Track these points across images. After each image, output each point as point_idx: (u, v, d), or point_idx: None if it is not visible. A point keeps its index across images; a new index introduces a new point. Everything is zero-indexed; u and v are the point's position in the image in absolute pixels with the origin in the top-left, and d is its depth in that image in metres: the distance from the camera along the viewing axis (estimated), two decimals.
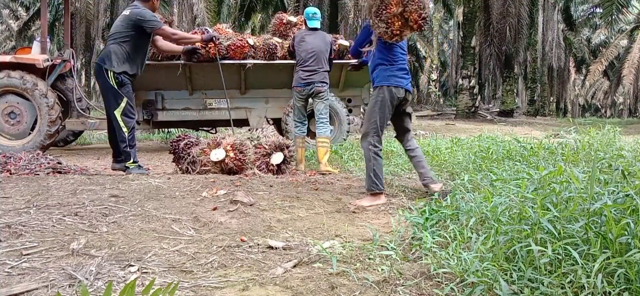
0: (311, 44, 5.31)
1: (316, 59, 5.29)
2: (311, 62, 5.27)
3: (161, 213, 3.02)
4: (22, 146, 6.50)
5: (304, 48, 5.31)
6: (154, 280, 1.80)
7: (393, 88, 3.65)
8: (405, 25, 3.37)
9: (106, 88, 4.56)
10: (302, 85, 5.29)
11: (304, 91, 5.31)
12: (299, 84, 5.31)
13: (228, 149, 4.57)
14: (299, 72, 5.33)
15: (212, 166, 4.55)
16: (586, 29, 31.99)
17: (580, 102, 43.66)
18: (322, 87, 5.31)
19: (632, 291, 1.66)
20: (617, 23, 19.61)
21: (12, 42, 28.91)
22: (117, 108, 4.55)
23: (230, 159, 4.53)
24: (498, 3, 17.60)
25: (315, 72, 5.29)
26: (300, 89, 5.31)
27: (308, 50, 5.30)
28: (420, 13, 3.28)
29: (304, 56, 5.30)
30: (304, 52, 5.31)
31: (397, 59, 3.70)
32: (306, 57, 5.29)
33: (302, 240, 2.67)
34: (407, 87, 3.72)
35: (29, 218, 2.82)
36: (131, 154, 4.65)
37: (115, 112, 4.56)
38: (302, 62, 5.31)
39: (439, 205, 3.10)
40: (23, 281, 1.98)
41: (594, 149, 4.27)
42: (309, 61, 5.27)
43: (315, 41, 5.33)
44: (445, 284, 1.98)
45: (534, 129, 13.99)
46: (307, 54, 5.29)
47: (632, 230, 1.80)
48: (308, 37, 5.37)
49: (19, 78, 6.63)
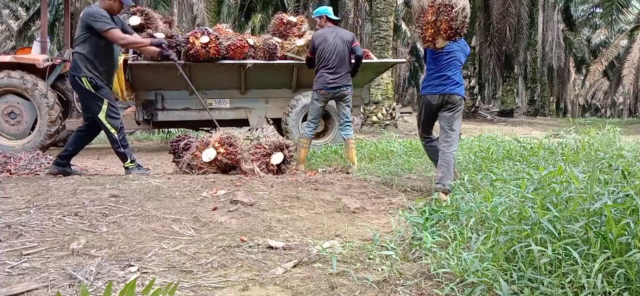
0: (333, 44, 5.05)
1: (340, 59, 5.06)
2: (336, 63, 5.04)
3: (161, 213, 3.02)
4: (22, 146, 6.51)
5: (327, 48, 5.05)
6: (154, 280, 1.80)
7: (427, 96, 3.88)
8: (437, 33, 3.53)
9: (85, 96, 4.44)
10: (327, 89, 5.06)
11: (329, 95, 5.11)
12: (324, 87, 5.07)
13: (217, 146, 4.58)
14: (324, 75, 5.07)
15: (207, 166, 4.55)
16: (586, 29, 31.99)
17: (580, 102, 43.66)
18: (347, 90, 5.12)
19: (632, 291, 1.66)
20: (617, 23, 19.58)
21: (12, 42, 28.88)
22: (100, 112, 4.43)
23: (221, 155, 4.54)
24: (498, 3, 17.61)
25: (340, 75, 5.06)
26: (325, 92, 5.09)
27: (332, 50, 5.04)
28: (450, 23, 3.44)
29: (328, 56, 5.04)
30: (327, 52, 5.04)
31: (440, 67, 3.83)
32: (329, 57, 5.03)
33: (302, 240, 2.67)
34: (442, 92, 3.80)
35: (29, 218, 2.82)
36: (127, 155, 4.55)
37: (99, 116, 4.44)
38: (325, 62, 5.06)
39: (439, 205, 3.10)
40: (23, 281, 1.98)
41: (594, 149, 4.26)
42: (333, 62, 5.03)
43: (336, 41, 5.07)
44: (445, 284, 1.98)
45: (534, 129, 13.99)
46: (331, 55, 5.03)
47: (632, 230, 1.80)
48: (329, 36, 5.11)
49: (19, 78, 6.64)
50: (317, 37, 5.17)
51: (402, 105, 23.39)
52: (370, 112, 12.08)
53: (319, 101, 5.16)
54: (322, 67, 5.09)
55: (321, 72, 5.10)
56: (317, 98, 5.16)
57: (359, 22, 19.19)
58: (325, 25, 5.34)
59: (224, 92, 7.21)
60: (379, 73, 8.58)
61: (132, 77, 6.77)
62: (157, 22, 6.68)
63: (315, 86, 5.16)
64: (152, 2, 16.08)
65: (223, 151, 4.55)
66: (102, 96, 4.44)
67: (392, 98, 12.64)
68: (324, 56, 5.06)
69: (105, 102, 4.45)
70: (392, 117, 12.31)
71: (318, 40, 5.13)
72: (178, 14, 18.81)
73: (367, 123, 12.05)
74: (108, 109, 4.47)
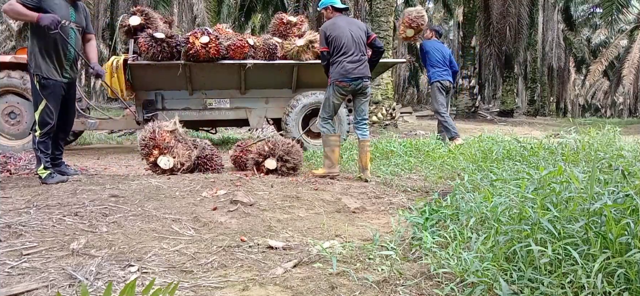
0: (349, 31, 4.51)
1: (358, 47, 4.52)
2: (355, 50, 4.49)
3: (161, 213, 3.02)
4: (22, 146, 6.51)
5: (343, 35, 4.49)
6: (154, 280, 1.80)
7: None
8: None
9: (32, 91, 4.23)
10: (349, 80, 4.47)
11: (350, 87, 4.51)
12: (345, 78, 4.46)
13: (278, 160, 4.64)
14: (344, 63, 4.45)
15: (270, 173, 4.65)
16: (586, 29, 31.99)
17: (580, 102, 43.65)
18: (368, 82, 4.59)
19: (632, 291, 1.66)
20: (617, 23, 19.57)
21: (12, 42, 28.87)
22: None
23: (280, 166, 4.63)
24: (498, 3, 17.60)
25: (362, 62, 4.51)
26: (347, 84, 4.49)
27: (349, 36, 4.48)
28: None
29: (346, 42, 4.47)
30: (345, 38, 4.47)
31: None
32: (348, 44, 4.47)
33: (302, 240, 2.67)
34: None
35: (29, 218, 2.82)
36: (41, 160, 4.17)
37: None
38: (343, 50, 4.48)
39: (439, 205, 3.10)
40: (23, 281, 1.98)
41: (594, 149, 4.26)
42: (352, 48, 4.48)
43: (351, 28, 4.55)
44: (445, 284, 1.98)
45: (534, 129, 13.98)
46: (349, 41, 4.47)
47: (632, 230, 1.80)
48: (342, 23, 4.59)
49: (19, 78, 6.63)
50: (328, 27, 4.60)
51: (402, 105, 23.39)
52: (370, 112, 12.08)
53: (338, 96, 4.59)
54: (340, 55, 4.49)
55: (340, 61, 4.48)
56: (335, 91, 4.56)
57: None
58: (332, 16, 4.78)
59: (224, 92, 7.21)
60: (379, 73, 8.58)
61: (132, 77, 6.76)
62: (157, 22, 6.67)
63: (333, 76, 4.53)
64: (152, 2, 16.10)
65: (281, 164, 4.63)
66: (43, 95, 4.16)
67: (392, 98, 12.64)
68: (340, 43, 4.49)
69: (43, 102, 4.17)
70: (392, 117, 12.31)
71: (330, 30, 4.56)
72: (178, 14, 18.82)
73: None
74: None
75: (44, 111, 4.15)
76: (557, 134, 7.32)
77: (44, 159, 4.16)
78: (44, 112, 4.15)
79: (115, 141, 9.20)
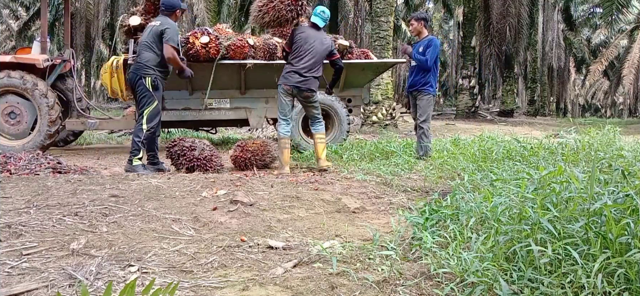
0: (311, 44, 4.94)
1: (313, 61, 4.94)
2: (307, 63, 4.92)
3: (161, 213, 3.02)
4: (22, 146, 6.50)
5: (303, 46, 4.94)
6: (154, 280, 1.80)
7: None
8: None
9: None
10: (291, 85, 4.95)
11: (291, 91, 5.00)
12: (288, 82, 4.96)
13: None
14: (291, 73, 4.96)
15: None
16: (586, 29, 31.97)
17: (580, 102, 43.64)
18: (311, 94, 5.03)
19: (632, 291, 1.66)
20: (617, 23, 19.60)
21: (12, 42, 28.90)
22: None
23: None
24: (498, 3, 17.60)
25: (307, 79, 4.95)
26: (288, 88, 4.97)
27: (307, 49, 4.92)
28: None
29: (302, 54, 4.93)
30: (302, 50, 4.94)
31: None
32: (303, 56, 4.93)
33: (302, 240, 2.67)
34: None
35: (29, 218, 2.82)
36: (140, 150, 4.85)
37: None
38: (297, 59, 4.95)
39: (439, 205, 3.10)
40: (23, 281, 1.98)
41: (594, 149, 4.26)
42: (305, 60, 4.92)
43: (315, 43, 4.97)
44: (445, 284, 1.98)
45: (534, 129, 13.98)
46: (305, 53, 4.92)
47: (632, 230, 1.80)
48: (310, 34, 5.01)
49: (19, 78, 6.63)
50: (299, 30, 5.07)
51: (402, 105, 23.38)
52: (370, 112, 12.08)
53: (284, 95, 5.04)
54: (293, 59, 4.99)
55: (290, 65, 5.01)
56: (281, 92, 5.05)
57: (359, 22, 19.21)
58: (307, 23, 5.25)
59: (224, 92, 7.20)
60: (379, 73, 8.58)
61: None
62: None
63: (281, 80, 5.06)
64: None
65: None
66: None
67: (392, 98, 12.64)
68: (300, 49, 4.95)
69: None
70: (392, 117, 12.30)
71: (299, 33, 5.03)
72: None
73: (367, 123, 12.05)
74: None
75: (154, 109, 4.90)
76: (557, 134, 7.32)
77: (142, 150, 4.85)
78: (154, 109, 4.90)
79: (115, 141, 9.20)
